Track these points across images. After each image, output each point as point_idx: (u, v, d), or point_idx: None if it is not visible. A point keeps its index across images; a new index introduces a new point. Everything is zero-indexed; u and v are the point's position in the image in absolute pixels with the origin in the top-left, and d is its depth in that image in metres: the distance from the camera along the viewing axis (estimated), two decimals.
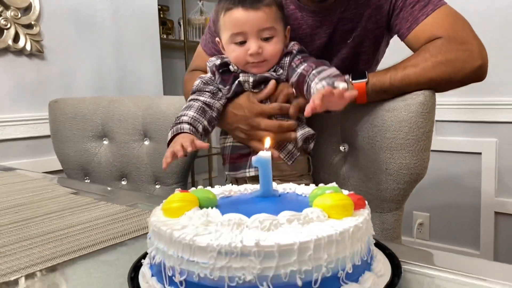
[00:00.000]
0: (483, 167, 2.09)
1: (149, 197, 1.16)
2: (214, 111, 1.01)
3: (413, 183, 1.00)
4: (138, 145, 1.51)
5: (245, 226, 0.50)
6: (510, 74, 1.96)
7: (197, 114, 0.98)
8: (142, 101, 1.52)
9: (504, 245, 2.07)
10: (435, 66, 0.93)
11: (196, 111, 0.99)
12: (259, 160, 0.62)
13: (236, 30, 0.97)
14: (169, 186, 1.46)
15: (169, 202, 0.57)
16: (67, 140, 1.55)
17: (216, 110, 1.02)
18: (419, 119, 0.96)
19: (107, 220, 0.88)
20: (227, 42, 1.00)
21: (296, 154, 0.98)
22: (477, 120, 2.06)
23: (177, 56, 3.54)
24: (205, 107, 1.00)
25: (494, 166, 2.05)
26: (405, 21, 1.01)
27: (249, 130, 0.98)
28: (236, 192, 0.69)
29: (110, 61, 2.35)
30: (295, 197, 0.65)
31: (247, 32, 0.96)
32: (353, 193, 0.59)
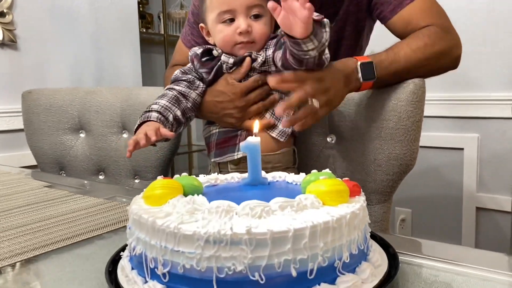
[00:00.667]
0: (465, 162, 2.09)
1: (128, 190, 1.11)
2: (189, 101, 0.97)
3: (402, 174, 0.97)
4: (117, 137, 1.45)
5: (235, 213, 0.47)
6: (491, 69, 1.97)
7: (169, 103, 0.93)
8: (121, 92, 1.46)
9: (485, 240, 2.08)
10: (432, 54, 0.95)
11: (169, 100, 0.94)
12: (248, 145, 0.59)
13: (224, 7, 0.92)
14: (149, 180, 1.40)
15: (151, 189, 0.53)
16: (41, 133, 1.48)
17: (191, 101, 0.97)
18: (409, 108, 0.93)
19: (83, 213, 0.83)
20: (214, 22, 0.95)
21: (288, 131, 0.95)
22: (459, 115, 2.07)
23: (157, 50, 3.47)
24: (179, 96, 0.96)
25: (475, 161, 2.06)
26: (387, 4, 1.01)
27: (239, 111, 0.95)
28: (223, 181, 0.65)
29: (87, 53, 2.27)
30: (285, 185, 0.62)
31: (236, 10, 0.92)
32: (348, 179, 0.55)
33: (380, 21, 1.05)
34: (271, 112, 0.96)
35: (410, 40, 0.95)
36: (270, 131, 0.95)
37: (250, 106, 0.94)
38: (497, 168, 2.02)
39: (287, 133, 0.95)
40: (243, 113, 0.94)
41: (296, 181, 0.62)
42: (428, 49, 0.94)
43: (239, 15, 0.92)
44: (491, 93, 1.98)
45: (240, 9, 0.92)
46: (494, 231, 2.05)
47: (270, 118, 0.96)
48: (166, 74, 1.20)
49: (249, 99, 0.94)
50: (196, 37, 1.13)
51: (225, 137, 0.98)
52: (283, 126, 0.91)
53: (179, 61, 1.19)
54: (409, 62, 0.93)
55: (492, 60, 1.97)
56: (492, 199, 2.04)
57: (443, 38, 0.96)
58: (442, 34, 0.97)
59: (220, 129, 0.99)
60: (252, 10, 0.93)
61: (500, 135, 1.99)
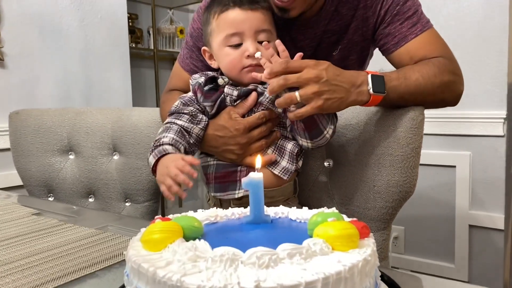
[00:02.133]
0: (457, 180, 2.09)
1: (119, 218, 1.07)
2: (192, 137, 0.93)
3: (401, 201, 0.96)
4: (107, 159, 1.41)
5: (240, 262, 0.44)
6: (483, 87, 1.98)
7: (177, 137, 0.90)
8: (112, 113, 1.43)
9: (479, 258, 2.07)
10: (441, 85, 0.93)
11: (175, 133, 0.90)
12: (251, 182, 0.56)
13: (232, 30, 0.90)
14: (140, 204, 1.37)
15: (149, 233, 0.50)
16: (29, 155, 1.44)
17: (194, 136, 0.93)
18: (408, 134, 0.92)
19: (74, 246, 0.80)
20: (221, 45, 0.92)
21: (291, 169, 0.92)
22: (451, 133, 2.07)
23: (147, 65, 3.45)
24: (183, 131, 0.92)
25: (468, 179, 2.06)
26: (392, 37, 0.99)
27: (240, 148, 0.92)
28: (223, 217, 0.62)
29: (76, 70, 2.23)
30: (289, 223, 0.59)
31: (244, 33, 0.90)
32: (356, 220, 0.53)
33: (382, 53, 1.03)
34: (273, 148, 0.93)
35: (421, 67, 0.93)
36: (272, 168, 0.92)
37: (252, 143, 0.92)
38: (489, 186, 2.02)
39: (290, 170, 0.92)
40: (245, 150, 0.92)
41: (300, 219, 0.59)
42: (437, 80, 0.92)
43: (247, 39, 0.90)
44: (482, 111, 1.99)
45: (248, 33, 0.90)
46: (487, 248, 2.04)
47: (272, 154, 0.93)
48: (163, 99, 1.17)
49: (252, 136, 0.91)
50: (195, 60, 1.11)
51: (224, 171, 0.94)
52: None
53: (177, 86, 1.15)
54: (419, 88, 0.91)
55: (483, 78, 1.98)
56: (484, 216, 2.03)
57: (451, 71, 0.96)
58: (450, 67, 0.96)
59: (218, 162, 0.95)
60: (260, 35, 0.91)
61: (492, 152, 1.99)
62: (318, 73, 0.82)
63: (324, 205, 1.05)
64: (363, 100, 0.88)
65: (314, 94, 0.81)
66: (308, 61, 0.84)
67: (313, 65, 0.83)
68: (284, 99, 0.83)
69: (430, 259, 2.20)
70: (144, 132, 1.34)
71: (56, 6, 2.14)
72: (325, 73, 0.82)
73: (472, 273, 2.08)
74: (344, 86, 0.85)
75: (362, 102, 0.88)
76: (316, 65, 0.83)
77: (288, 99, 0.82)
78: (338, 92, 0.84)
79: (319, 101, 0.82)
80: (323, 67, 0.83)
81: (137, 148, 1.35)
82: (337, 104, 0.84)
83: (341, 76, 0.85)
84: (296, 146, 0.94)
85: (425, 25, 0.99)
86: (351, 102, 0.87)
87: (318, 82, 0.81)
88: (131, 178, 1.36)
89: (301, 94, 0.81)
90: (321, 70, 0.82)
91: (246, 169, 0.93)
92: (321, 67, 0.83)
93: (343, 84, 0.85)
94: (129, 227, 0.93)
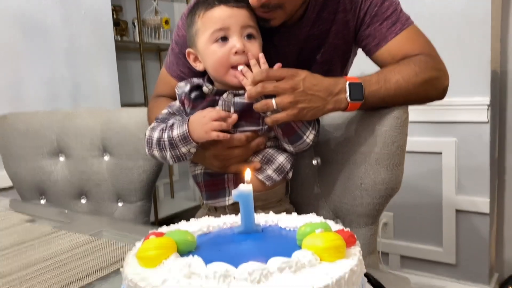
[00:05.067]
0: (443, 166, 2.13)
1: (113, 222, 1.09)
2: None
3: (388, 197, 0.98)
4: (98, 161, 1.42)
5: (233, 277, 0.46)
6: (468, 74, 2.00)
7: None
8: (101, 114, 1.43)
9: (466, 241, 2.12)
10: (423, 83, 0.94)
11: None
12: (240, 194, 0.58)
13: (218, 26, 0.90)
14: (133, 203, 1.39)
15: (144, 250, 0.52)
16: (19, 158, 1.44)
17: None
18: (393, 133, 0.94)
19: (69, 255, 0.81)
20: (207, 43, 0.92)
21: (276, 179, 0.94)
22: (436, 120, 2.10)
23: (132, 57, 3.42)
24: None
25: (454, 165, 2.10)
26: (372, 38, 1.01)
27: (220, 162, 0.93)
28: (215, 227, 0.64)
29: (62, 68, 2.22)
30: (279, 232, 0.61)
31: (230, 28, 0.90)
32: (343, 229, 0.55)
33: (366, 54, 1.05)
34: (260, 157, 0.95)
35: (401, 67, 0.94)
36: (257, 173, 0.94)
37: (234, 157, 0.93)
38: (474, 171, 2.06)
39: (273, 179, 0.94)
40: (226, 163, 0.93)
41: (290, 227, 0.61)
42: (418, 79, 0.93)
43: (233, 34, 0.90)
44: (467, 98, 2.02)
45: (234, 28, 0.90)
46: (473, 232, 2.10)
47: (256, 161, 0.94)
48: (150, 105, 1.17)
49: (231, 154, 0.92)
50: (182, 67, 1.11)
51: (212, 180, 0.96)
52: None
53: (164, 92, 1.16)
54: (399, 90, 0.93)
55: (466, 65, 2.00)
56: (470, 201, 2.08)
57: (433, 67, 0.96)
58: (431, 63, 0.97)
59: (204, 170, 0.97)
60: (246, 30, 0.91)
61: (477, 139, 2.03)
62: (295, 84, 0.85)
63: (313, 203, 1.08)
64: (341, 107, 0.90)
65: (290, 103, 0.85)
66: (287, 70, 0.87)
67: (291, 76, 0.86)
68: (260, 104, 0.86)
69: (418, 244, 2.25)
70: (134, 132, 1.35)
71: (40, 4, 2.11)
72: (302, 83, 0.86)
73: (459, 256, 2.14)
74: (320, 96, 0.87)
75: (340, 109, 0.91)
76: (294, 75, 0.87)
77: (265, 106, 0.86)
78: (314, 101, 0.87)
79: (294, 110, 0.86)
80: (300, 78, 0.86)
81: (127, 148, 1.36)
82: (312, 112, 0.88)
83: (318, 85, 0.88)
84: (289, 160, 0.95)
85: (404, 23, 0.99)
86: (328, 110, 0.90)
87: (294, 92, 0.85)
88: (123, 179, 1.37)
89: (277, 102, 0.85)
90: (297, 80, 0.86)
91: (233, 176, 0.94)
92: (298, 78, 0.86)
93: (319, 93, 0.87)
94: (124, 232, 0.94)
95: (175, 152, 0.90)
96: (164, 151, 0.91)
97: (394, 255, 2.33)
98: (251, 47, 0.91)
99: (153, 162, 1.34)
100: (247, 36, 0.92)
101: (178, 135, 0.88)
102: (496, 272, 2.22)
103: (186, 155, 0.91)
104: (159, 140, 0.91)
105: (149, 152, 0.95)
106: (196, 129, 0.87)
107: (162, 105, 1.04)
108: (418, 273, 2.24)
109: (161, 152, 0.92)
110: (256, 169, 0.93)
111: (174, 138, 0.89)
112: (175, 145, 0.89)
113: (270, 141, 0.96)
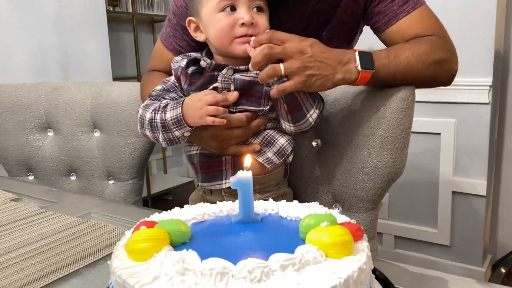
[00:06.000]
0: (441, 147, 2.10)
1: (102, 204, 1.04)
2: None
3: (390, 182, 0.95)
4: (87, 137, 1.37)
5: (231, 275, 0.42)
6: (469, 54, 1.95)
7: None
8: (90, 88, 1.37)
9: (461, 223, 2.11)
10: (433, 63, 0.90)
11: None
12: (239, 182, 0.54)
13: None
14: (124, 182, 1.34)
15: (134, 242, 0.47)
16: (5, 133, 1.38)
17: None
18: (398, 115, 0.90)
19: (55, 239, 0.77)
20: (213, 11, 0.86)
21: (276, 162, 0.89)
22: (436, 100, 2.06)
23: (125, 29, 3.33)
24: None
25: (452, 146, 2.07)
26: (382, 15, 0.96)
27: (218, 143, 0.88)
28: (210, 215, 0.60)
29: (51, 38, 2.13)
30: (280, 222, 0.57)
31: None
32: (349, 222, 0.51)
33: (374, 31, 0.99)
34: (260, 139, 0.90)
35: (412, 45, 0.90)
36: (256, 156, 0.89)
37: (234, 137, 0.88)
38: (473, 153, 2.03)
39: (274, 162, 0.89)
40: (225, 143, 0.88)
41: (291, 217, 0.57)
42: (429, 58, 0.89)
43: (241, 5, 0.84)
44: (468, 78, 1.97)
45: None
46: (469, 214, 2.08)
47: (255, 143, 0.89)
48: (143, 80, 1.11)
49: (229, 135, 0.87)
50: (179, 39, 1.04)
51: (208, 161, 0.91)
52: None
53: (158, 66, 1.09)
54: (409, 67, 0.88)
55: (469, 45, 1.95)
56: (467, 183, 2.06)
57: (444, 48, 0.93)
58: (443, 45, 0.93)
59: (201, 151, 0.92)
60: (255, 2, 0.86)
61: (477, 120, 1.99)
62: (302, 48, 0.80)
63: (312, 186, 1.04)
64: (351, 78, 0.84)
65: (299, 68, 0.79)
66: (294, 35, 0.82)
67: (299, 39, 0.81)
68: (267, 70, 0.80)
69: (413, 225, 2.24)
70: (125, 108, 1.30)
71: None
72: (310, 48, 0.81)
73: (454, 237, 2.13)
74: (329, 64, 0.82)
75: (350, 80, 0.85)
76: (301, 40, 0.82)
77: (272, 70, 0.79)
78: (323, 69, 0.81)
79: (302, 77, 0.80)
80: (308, 43, 0.81)
81: (118, 125, 1.31)
82: (321, 81, 0.81)
83: (327, 53, 0.83)
84: (290, 143, 0.91)
85: (416, 2, 0.95)
86: (338, 80, 0.84)
87: (302, 57, 0.80)
88: (113, 156, 1.32)
89: (285, 67, 0.79)
90: (305, 45, 0.81)
91: (231, 158, 0.90)
92: (306, 42, 0.81)
93: (329, 61, 0.82)
94: (113, 214, 0.90)
95: (167, 135, 0.85)
96: (156, 133, 0.86)
97: (388, 235, 2.32)
98: (259, 20, 0.86)
99: (145, 140, 1.29)
100: (256, 8, 0.86)
101: (171, 118, 0.83)
102: (490, 253, 2.22)
103: (180, 139, 0.86)
104: (151, 121, 0.86)
105: (142, 132, 0.90)
106: (190, 113, 0.82)
107: (156, 80, 0.98)
108: (411, 254, 2.24)
109: (153, 133, 0.87)
110: (255, 151, 0.89)
111: (167, 121, 0.83)
112: (168, 128, 0.84)
113: (270, 123, 0.91)
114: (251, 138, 0.90)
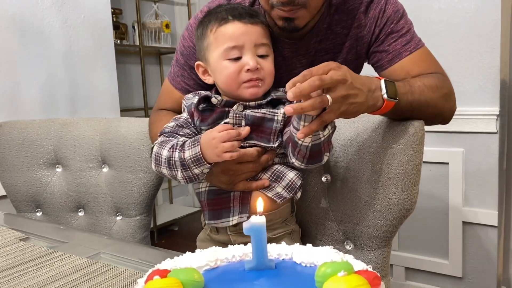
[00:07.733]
0: (450, 177, 2.08)
1: (111, 243, 1.03)
2: None
3: (402, 218, 0.94)
4: (96, 172, 1.37)
5: None
6: (476, 84, 1.96)
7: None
8: (99, 124, 1.38)
9: (472, 254, 2.07)
10: (442, 96, 0.93)
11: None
12: (252, 227, 0.53)
13: (232, 43, 0.87)
14: (132, 218, 1.33)
15: None
16: (14, 169, 1.38)
17: None
18: (408, 151, 0.89)
19: (65, 281, 0.76)
20: (219, 58, 0.89)
21: (286, 196, 0.89)
22: (444, 130, 2.05)
23: (132, 61, 3.38)
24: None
25: (461, 176, 2.05)
26: (386, 54, 0.99)
27: (231, 176, 0.88)
28: (223, 261, 0.59)
29: (60, 73, 2.16)
30: (294, 269, 0.56)
31: (244, 46, 0.87)
32: (366, 270, 0.50)
33: (375, 69, 1.02)
34: (269, 174, 0.90)
35: (422, 78, 0.93)
36: (266, 191, 0.89)
37: (244, 172, 0.88)
38: (482, 183, 2.01)
39: (283, 196, 0.89)
40: (235, 178, 0.88)
41: (306, 263, 0.56)
42: (438, 90, 0.92)
43: (247, 52, 0.87)
44: (475, 108, 1.97)
45: (248, 46, 0.87)
46: (481, 245, 2.05)
47: (264, 178, 0.90)
48: (152, 118, 1.12)
49: (240, 169, 0.88)
50: (187, 79, 1.06)
51: (216, 198, 0.91)
52: (287, 112, 0.73)
53: (166, 105, 1.11)
54: (423, 96, 0.89)
55: (476, 75, 1.96)
56: (478, 213, 2.03)
57: (448, 87, 0.96)
58: (447, 83, 0.97)
59: (209, 188, 0.92)
60: (259, 49, 0.88)
61: (485, 149, 1.98)
62: (344, 75, 0.75)
63: (322, 223, 1.03)
64: (377, 105, 0.82)
65: (343, 97, 0.75)
66: (327, 63, 0.77)
67: (336, 67, 0.76)
68: (313, 101, 0.72)
69: (424, 256, 2.20)
70: (134, 144, 1.30)
71: (37, 6, 2.06)
72: (349, 75, 0.77)
73: (466, 269, 2.09)
74: (363, 90, 0.79)
75: (375, 107, 0.83)
76: (338, 66, 0.77)
77: (319, 101, 0.72)
78: (359, 97, 0.78)
79: (344, 106, 0.76)
80: (345, 69, 0.77)
81: (127, 161, 1.31)
82: (357, 109, 0.79)
83: (359, 79, 0.80)
84: (300, 177, 0.91)
85: (418, 43, 0.99)
86: (368, 107, 0.81)
87: (345, 84, 0.75)
88: (122, 192, 1.32)
89: (332, 97, 0.74)
90: (345, 71, 0.76)
91: (239, 194, 0.89)
92: (344, 69, 0.77)
93: (363, 87, 0.79)
94: (122, 255, 0.89)
95: (187, 173, 0.85)
96: (174, 171, 0.86)
97: (399, 267, 2.27)
98: (264, 64, 0.89)
99: (153, 175, 1.29)
100: (260, 55, 0.90)
101: (190, 156, 0.83)
102: (504, 286, 2.17)
103: (199, 176, 0.86)
104: (169, 160, 0.86)
105: (157, 169, 0.90)
106: (208, 151, 0.82)
107: (165, 118, 0.99)
108: (423, 286, 2.19)
109: (171, 171, 0.87)
110: (264, 186, 0.89)
111: (186, 160, 0.83)
112: (187, 166, 0.84)
113: (278, 157, 0.92)
114: (259, 174, 0.90)
